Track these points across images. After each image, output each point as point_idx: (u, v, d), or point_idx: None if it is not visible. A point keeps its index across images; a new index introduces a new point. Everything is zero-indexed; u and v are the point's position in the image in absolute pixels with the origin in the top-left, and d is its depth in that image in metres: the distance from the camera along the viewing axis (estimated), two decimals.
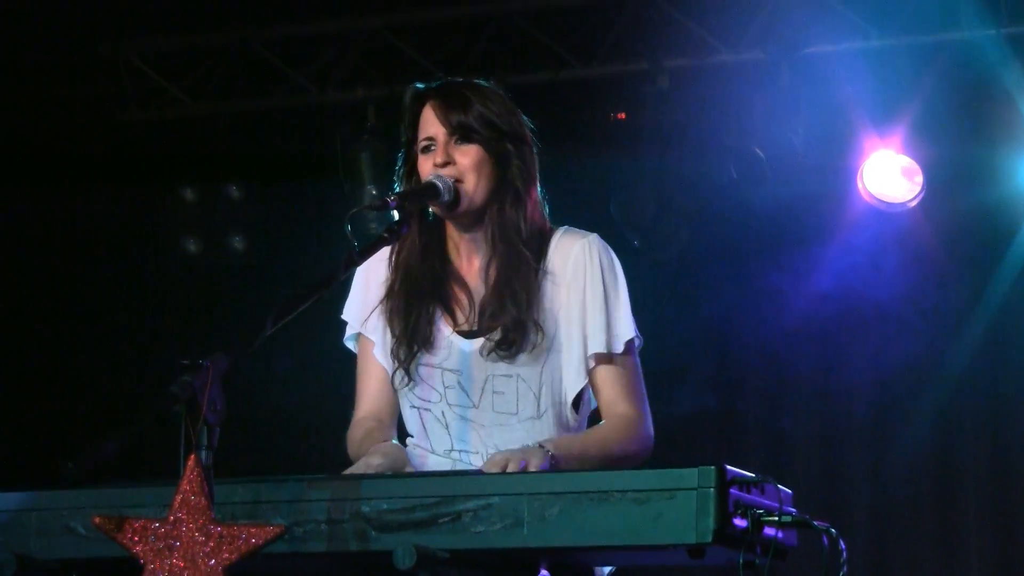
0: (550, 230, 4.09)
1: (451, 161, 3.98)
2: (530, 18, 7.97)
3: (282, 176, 8.51)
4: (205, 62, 8.46)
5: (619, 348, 4.00)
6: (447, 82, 4.12)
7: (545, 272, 4.02)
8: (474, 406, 4.01)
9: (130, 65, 8.48)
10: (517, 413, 3.99)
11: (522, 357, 3.98)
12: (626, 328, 4.01)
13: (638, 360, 4.05)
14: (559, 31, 7.97)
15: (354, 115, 8.21)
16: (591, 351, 3.99)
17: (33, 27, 7.99)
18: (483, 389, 4.00)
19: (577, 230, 4.09)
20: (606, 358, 3.99)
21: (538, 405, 4.00)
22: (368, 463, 3.86)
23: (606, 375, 4.00)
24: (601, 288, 4.00)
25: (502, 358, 3.97)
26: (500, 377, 3.99)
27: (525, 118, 4.11)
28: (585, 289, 4.00)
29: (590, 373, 4.01)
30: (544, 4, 7.96)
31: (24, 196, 8.54)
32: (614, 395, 4.00)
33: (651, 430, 4.00)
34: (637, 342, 4.04)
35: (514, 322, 3.96)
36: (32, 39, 8.11)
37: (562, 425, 4.02)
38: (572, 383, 4.01)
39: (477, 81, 4.12)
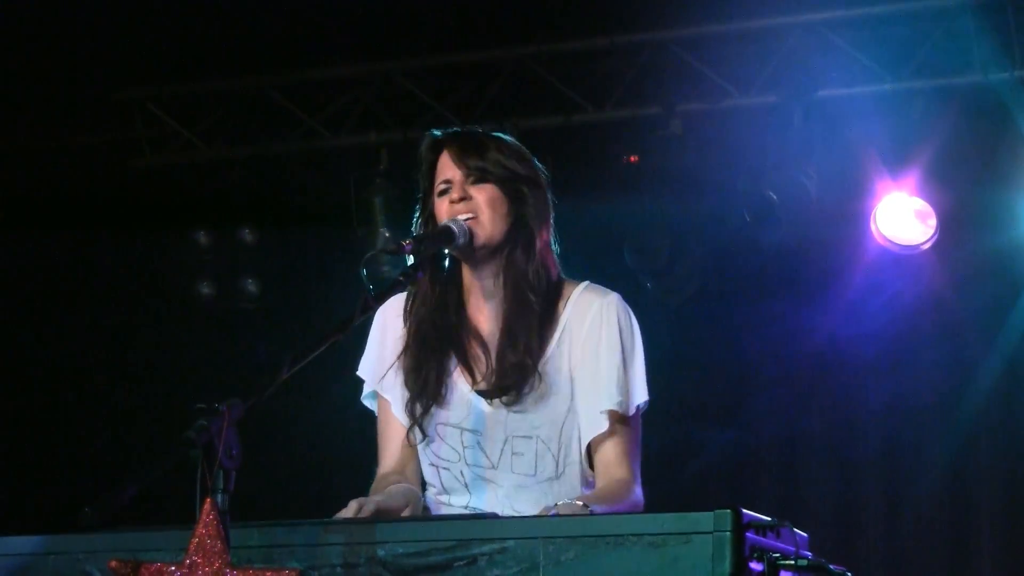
0: (565, 281, 4.06)
1: (467, 197, 3.97)
2: (543, 63, 8.00)
3: (295, 220, 8.54)
4: (219, 107, 8.49)
5: (632, 411, 3.99)
6: (463, 130, 4.13)
7: (560, 325, 4.00)
8: (492, 467, 3.99)
9: (144, 110, 8.52)
10: (535, 474, 3.97)
11: (530, 402, 3.95)
12: (640, 392, 4.00)
13: (640, 423, 4.03)
14: (572, 76, 8.00)
15: (367, 159, 8.23)
16: (604, 408, 3.96)
17: (48, 73, 8.03)
18: (502, 450, 3.99)
19: (599, 287, 4.07)
20: (616, 418, 3.97)
21: (557, 465, 3.99)
22: (367, 499, 3.82)
23: (611, 436, 3.98)
24: (619, 348, 3.97)
25: (507, 404, 3.95)
26: (520, 439, 3.98)
27: (541, 167, 4.10)
28: (600, 346, 3.97)
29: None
30: (557, 49, 7.98)
31: (39, 241, 8.57)
32: (613, 457, 3.98)
33: (641, 496, 3.98)
34: (644, 406, 4.03)
35: (514, 365, 3.94)
36: (47, 85, 8.16)
37: (582, 482, 4.01)
38: (586, 436, 3.98)
39: (495, 133, 4.12)
